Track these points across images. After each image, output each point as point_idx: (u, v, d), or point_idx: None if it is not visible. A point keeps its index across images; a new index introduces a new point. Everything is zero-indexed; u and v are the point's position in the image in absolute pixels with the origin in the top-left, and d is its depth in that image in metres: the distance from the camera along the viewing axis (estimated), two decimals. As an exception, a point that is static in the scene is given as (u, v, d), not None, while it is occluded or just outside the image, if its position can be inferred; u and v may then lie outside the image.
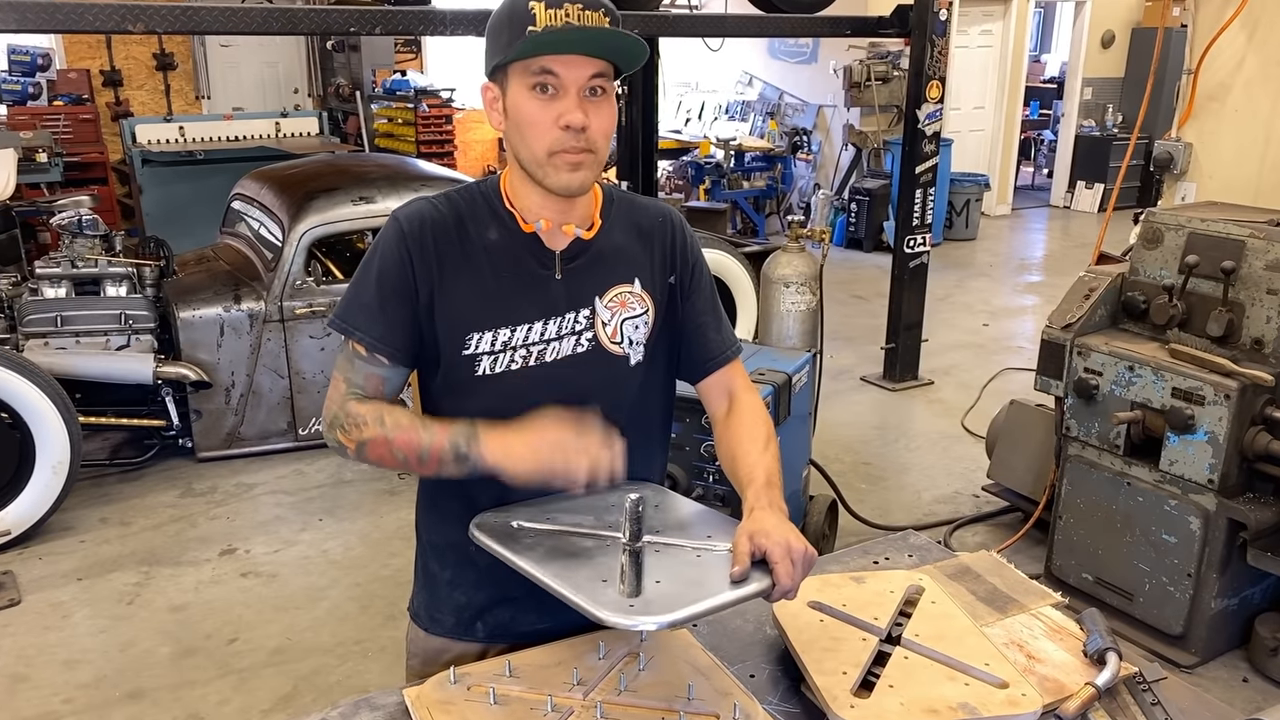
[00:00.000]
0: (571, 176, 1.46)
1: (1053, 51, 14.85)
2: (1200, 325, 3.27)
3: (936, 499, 4.61)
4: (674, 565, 1.40)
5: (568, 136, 1.43)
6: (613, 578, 1.35)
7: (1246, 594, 3.35)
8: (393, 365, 1.52)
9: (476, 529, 1.48)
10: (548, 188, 1.48)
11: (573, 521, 1.49)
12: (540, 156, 1.46)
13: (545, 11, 1.39)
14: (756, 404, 1.67)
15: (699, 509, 1.59)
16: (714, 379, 1.69)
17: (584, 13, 1.40)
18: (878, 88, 9.28)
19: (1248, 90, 4.04)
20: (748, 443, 1.58)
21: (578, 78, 1.42)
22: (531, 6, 1.40)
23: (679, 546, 1.44)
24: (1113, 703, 1.50)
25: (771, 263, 5.01)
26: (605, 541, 1.44)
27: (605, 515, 1.49)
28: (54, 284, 4.65)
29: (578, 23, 1.40)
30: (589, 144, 1.44)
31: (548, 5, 1.39)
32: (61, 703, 3.18)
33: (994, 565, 1.87)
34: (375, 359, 1.51)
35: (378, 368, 1.51)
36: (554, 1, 1.39)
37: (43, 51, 8.83)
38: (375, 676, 3.29)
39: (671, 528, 1.49)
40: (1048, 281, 8.48)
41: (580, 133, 1.43)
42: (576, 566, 1.38)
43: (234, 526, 4.30)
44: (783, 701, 1.51)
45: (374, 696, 1.53)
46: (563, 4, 1.39)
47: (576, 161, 1.45)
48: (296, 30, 4.73)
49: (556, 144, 1.44)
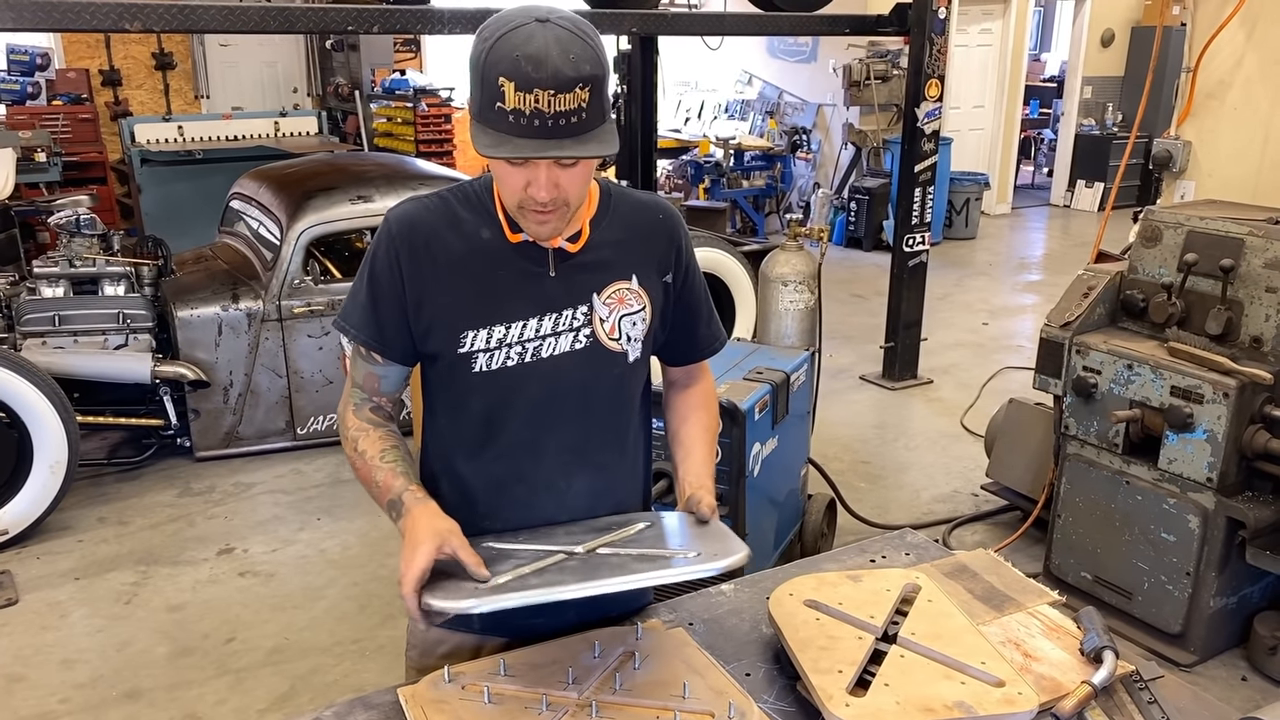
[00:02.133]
0: (540, 229, 1.47)
1: (1052, 50, 14.85)
2: (1199, 323, 3.26)
3: (935, 498, 4.60)
4: (582, 569, 1.43)
5: (535, 202, 1.42)
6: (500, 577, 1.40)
7: (1245, 592, 3.35)
8: (386, 363, 1.58)
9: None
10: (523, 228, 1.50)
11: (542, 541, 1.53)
12: (511, 206, 1.47)
13: (514, 94, 1.31)
14: (714, 389, 1.84)
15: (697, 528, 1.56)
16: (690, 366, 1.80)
17: (555, 98, 1.31)
18: (877, 86, 9.28)
19: (1246, 88, 4.03)
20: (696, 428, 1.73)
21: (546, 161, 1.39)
22: (501, 83, 1.31)
23: (623, 555, 1.46)
24: (1109, 701, 1.49)
25: (770, 261, 5.00)
26: (545, 555, 1.47)
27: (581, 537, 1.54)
28: (52, 283, 4.65)
29: (547, 110, 1.31)
30: (560, 203, 1.43)
31: (517, 87, 1.30)
32: (58, 702, 3.17)
33: (991, 564, 1.87)
34: (371, 357, 1.58)
35: (373, 366, 1.58)
36: (524, 85, 1.30)
37: (42, 51, 8.83)
38: (373, 676, 3.28)
39: (648, 542, 1.51)
40: (1047, 280, 8.47)
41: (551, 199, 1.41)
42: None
43: (232, 526, 4.30)
44: (778, 700, 1.51)
45: (369, 696, 1.53)
46: (532, 89, 1.30)
47: (544, 219, 1.45)
48: (294, 29, 4.72)
49: (525, 203, 1.43)
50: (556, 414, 1.57)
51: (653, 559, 1.44)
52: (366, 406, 1.61)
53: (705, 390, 1.81)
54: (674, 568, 1.41)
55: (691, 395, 1.79)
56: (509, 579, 1.39)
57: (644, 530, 1.55)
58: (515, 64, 1.31)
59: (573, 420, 1.58)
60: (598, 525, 1.58)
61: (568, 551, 1.48)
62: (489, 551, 1.49)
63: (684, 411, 1.77)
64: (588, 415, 1.60)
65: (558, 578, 1.39)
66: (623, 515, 1.64)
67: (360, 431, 1.58)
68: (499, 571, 1.41)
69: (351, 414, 1.61)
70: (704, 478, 1.63)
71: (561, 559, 1.46)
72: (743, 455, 3.20)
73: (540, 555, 1.47)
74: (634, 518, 1.61)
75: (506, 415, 1.56)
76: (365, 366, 1.59)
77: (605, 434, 1.63)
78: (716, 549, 1.44)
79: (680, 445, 1.72)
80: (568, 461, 1.60)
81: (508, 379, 1.54)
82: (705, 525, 1.55)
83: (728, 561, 1.40)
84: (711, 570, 1.40)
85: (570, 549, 1.48)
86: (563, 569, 1.43)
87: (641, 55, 6.53)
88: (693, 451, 1.69)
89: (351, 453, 1.58)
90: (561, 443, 1.59)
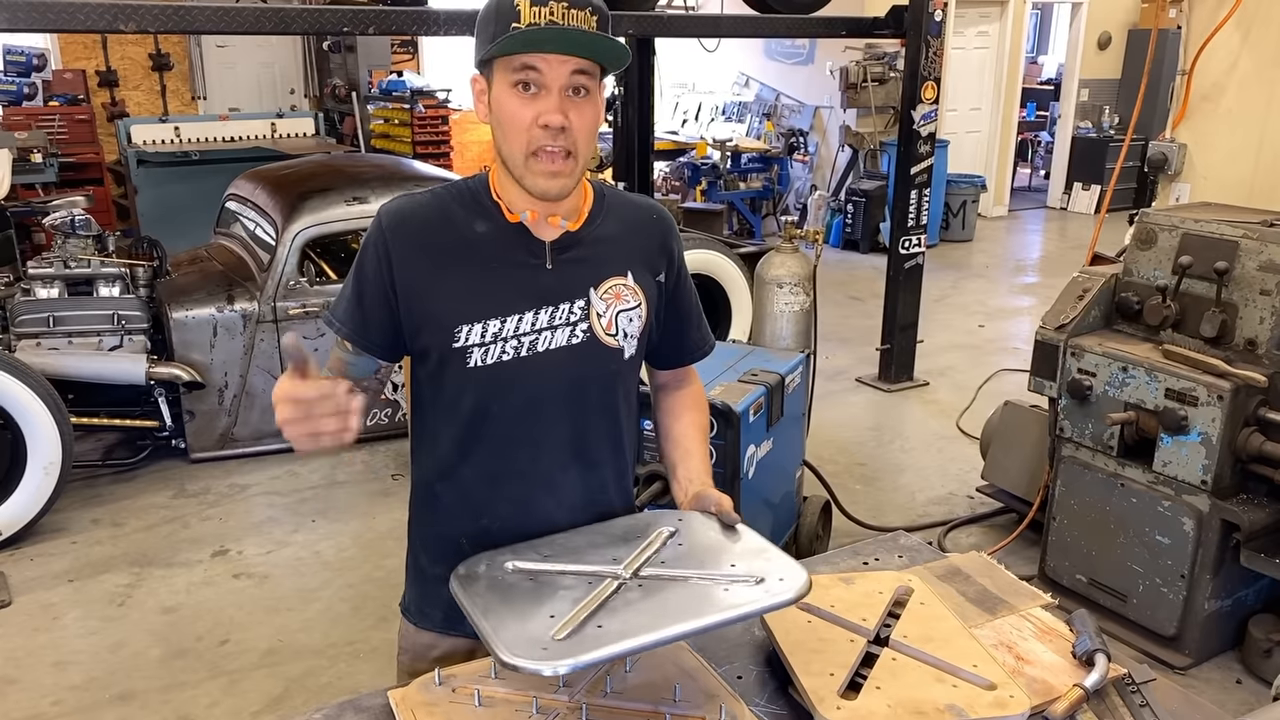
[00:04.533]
0: (550, 183, 1.46)
1: (1049, 53, 14.86)
2: (1194, 326, 3.26)
3: (931, 500, 4.60)
4: (647, 602, 1.34)
5: (546, 135, 1.43)
6: (561, 616, 1.31)
7: (1240, 595, 3.35)
8: (355, 352, 1.58)
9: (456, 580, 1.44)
10: (526, 189, 1.49)
11: (571, 559, 1.47)
12: (519, 157, 1.46)
13: (530, 8, 1.38)
14: (703, 393, 1.84)
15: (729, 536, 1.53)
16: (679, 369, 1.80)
17: (569, 11, 1.39)
18: (874, 89, 9.28)
19: (1241, 91, 4.04)
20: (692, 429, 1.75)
21: (559, 75, 1.42)
22: (516, 2, 1.39)
23: (678, 579, 1.40)
24: (1101, 704, 1.49)
25: (765, 264, 5.00)
26: (591, 579, 1.40)
27: (610, 551, 1.48)
28: (46, 284, 4.64)
29: (561, 21, 1.39)
30: (569, 144, 1.44)
31: (533, 2, 1.38)
32: (51, 704, 3.16)
33: (984, 566, 1.86)
34: (343, 345, 1.59)
35: (343, 352, 1.60)
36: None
37: (38, 52, 8.83)
38: (367, 678, 3.28)
39: (689, 558, 1.46)
40: (1044, 283, 8.47)
41: (560, 132, 1.42)
42: (527, 604, 1.35)
43: (226, 527, 4.29)
44: (770, 703, 1.50)
45: (359, 699, 1.52)
46: (548, 1, 1.38)
47: (555, 170, 1.45)
48: (290, 30, 4.73)
49: (535, 142, 1.44)
50: (552, 409, 1.57)
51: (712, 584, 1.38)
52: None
53: (696, 393, 1.82)
54: (748, 601, 1.33)
55: (684, 396, 1.80)
56: (579, 621, 1.29)
57: (672, 540, 1.50)
58: None
59: (568, 416, 1.58)
60: (618, 532, 1.54)
61: (614, 575, 1.40)
62: (525, 579, 1.42)
63: (677, 411, 1.77)
64: (583, 411, 1.59)
65: (633, 619, 1.29)
66: (635, 517, 1.61)
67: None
68: (561, 612, 1.31)
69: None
70: (705, 475, 1.64)
71: (615, 585, 1.38)
72: (737, 457, 3.20)
73: (587, 580, 1.40)
74: (649, 522, 1.57)
75: (502, 410, 1.56)
76: (337, 352, 1.60)
77: (600, 430, 1.62)
78: (774, 570, 1.39)
79: (677, 446, 1.72)
80: (564, 457, 1.59)
81: (504, 373, 1.53)
82: (732, 532, 1.52)
83: (798, 590, 1.34)
84: (787, 603, 1.33)
85: (612, 570, 1.41)
86: (629, 604, 1.34)
87: (638, 57, 6.52)
88: (692, 452, 1.70)
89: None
90: (558, 438, 1.58)
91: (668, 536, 1.52)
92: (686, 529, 1.54)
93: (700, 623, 1.29)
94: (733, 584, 1.38)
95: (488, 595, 1.38)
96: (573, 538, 1.54)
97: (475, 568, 1.47)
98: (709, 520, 1.56)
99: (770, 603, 1.34)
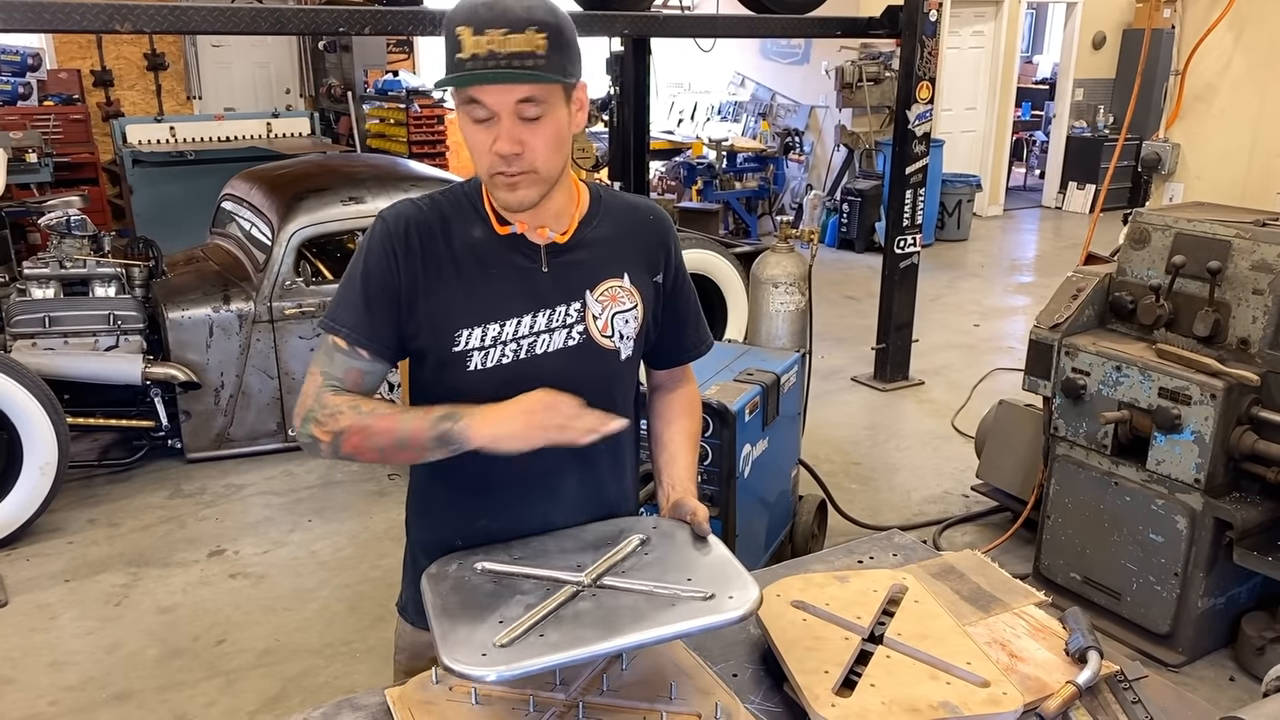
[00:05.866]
0: (510, 196, 1.47)
1: (1044, 52, 14.88)
2: (1187, 325, 3.28)
3: (926, 499, 4.61)
4: (594, 614, 1.38)
5: (502, 162, 1.43)
6: (510, 622, 1.35)
7: (1233, 593, 3.36)
8: (373, 359, 1.54)
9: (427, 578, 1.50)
10: (497, 203, 1.51)
11: (539, 563, 1.50)
12: (484, 176, 1.49)
13: (471, 38, 1.37)
14: (698, 394, 1.84)
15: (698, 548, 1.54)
16: (675, 369, 1.81)
17: (508, 37, 1.36)
18: (869, 88, 9.29)
19: (1234, 91, 4.05)
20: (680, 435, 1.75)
21: (506, 103, 1.41)
22: (458, 31, 1.38)
23: (635, 591, 1.43)
24: (1094, 701, 1.50)
25: (760, 263, 5.01)
26: (550, 585, 1.44)
27: (578, 557, 1.51)
28: (42, 284, 4.63)
29: (501, 49, 1.37)
30: (526, 166, 1.44)
31: (473, 31, 1.37)
32: (47, 704, 3.17)
33: (978, 564, 1.88)
34: (356, 352, 1.53)
35: (358, 361, 1.53)
36: (478, 27, 1.36)
37: (33, 51, 8.80)
38: (364, 678, 3.28)
39: (650, 568, 1.48)
40: (1039, 282, 8.49)
41: (516, 157, 1.43)
42: (482, 607, 1.40)
43: (223, 527, 4.29)
44: (765, 701, 1.51)
45: (357, 697, 1.53)
46: (485, 30, 1.36)
47: (514, 183, 1.46)
48: (286, 30, 4.73)
49: (493, 166, 1.45)
50: None
51: (665, 601, 1.40)
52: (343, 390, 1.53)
53: (690, 394, 1.82)
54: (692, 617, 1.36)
55: (676, 399, 1.80)
56: (525, 628, 1.34)
57: (640, 550, 1.53)
58: (472, 11, 1.38)
59: None
60: (590, 539, 1.57)
61: (574, 582, 1.44)
62: (488, 580, 1.47)
63: (669, 415, 1.78)
64: None
65: (576, 632, 1.34)
66: (612, 523, 1.63)
67: (353, 399, 1.49)
68: (510, 617, 1.36)
69: (330, 395, 1.51)
70: (688, 482, 1.65)
71: (571, 593, 1.42)
72: (733, 456, 3.21)
73: (545, 586, 1.44)
74: (624, 528, 1.59)
75: None
76: (349, 362, 1.52)
77: None
78: (728, 587, 1.41)
79: (664, 449, 1.74)
80: (562, 459, 1.59)
81: (503, 377, 1.53)
82: (703, 545, 1.53)
83: (745, 610, 1.36)
84: (729, 622, 1.36)
85: (575, 578, 1.45)
86: (578, 614, 1.38)
87: (634, 57, 6.53)
88: (677, 456, 1.71)
89: (350, 420, 1.46)
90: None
91: (637, 545, 1.54)
92: (658, 537, 1.57)
93: (636, 638, 1.34)
94: (682, 599, 1.40)
95: (450, 596, 1.44)
96: (547, 541, 1.58)
97: (447, 567, 1.51)
98: (683, 529, 1.58)
99: (710, 622, 1.36)
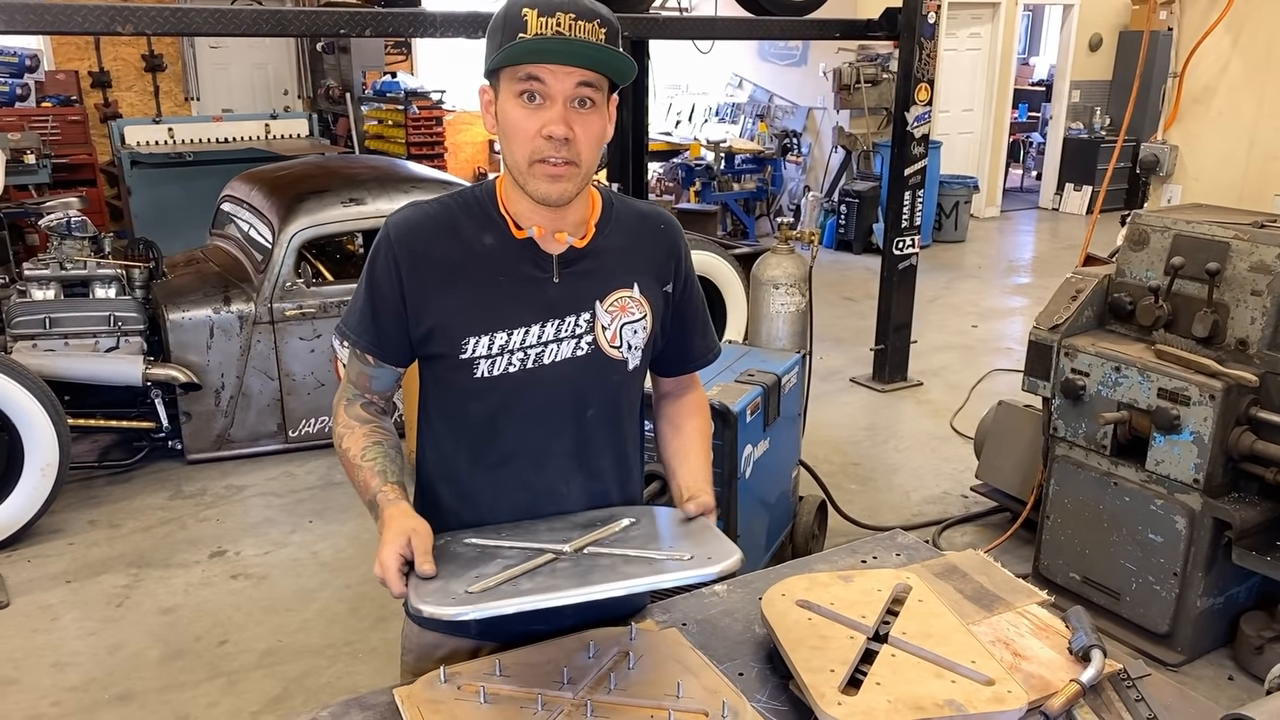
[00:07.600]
0: (550, 187, 1.46)
1: (1041, 54, 14.92)
2: (1186, 326, 3.30)
3: (925, 499, 4.63)
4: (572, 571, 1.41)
5: (549, 146, 1.43)
6: (486, 578, 1.38)
7: (1232, 593, 3.38)
8: (378, 365, 1.60)
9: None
10: (528, 194, 1.49)
11: (527, 539, 1.52)
12: (522, 164, 1.46)
13: (537, 19, 1.39)
14: (705, 399, 1.84)
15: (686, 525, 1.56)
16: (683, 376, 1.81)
17: (576, 23, 1.39)
18: (867, 90, 9.31)
19: (1232, 93, 4.07)
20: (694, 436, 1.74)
21: (564, 87, 1.42)
22: (524, 12, 1.39)
23: (614, 555, 1.45)
24: (1097, 699, 1.51)
25: (760, 264, 5.02)
26: (533, 554, 1.46)
27: (566, 534, 1.53)
28: (42, 286, 4.64)
29: (568, 33, 1.39)
30: (572, 155, 1.44)
31: (540, 13, 1.38)
32: (50, 705, 3.17)
33: (981, 564, 1.89)
34: (364, 359, 1.61)
35: (365, 366, 1.62)
36: (547, 9, 1.38)
37: (31, 53, 8.80)
38: (365, 678, 3.29)
39: (636, 540, 1.50)
40: (1036, 283, 8.51)
41: (564, 143, 1.43)
42: (460, 567, 1.43)
43: (224, 529, 4.29)
44: (771, 699, 1.52)
45: (365, 696, 1.54)
46: (555, 12, 1.39)
47: (557, 174, 1.45)
48: (285, 32, 4.73)
49: (538, 152, 1.44)
50: (557, 420, 1.58)
51: (644, 561, 1.43)
52: (358, 403, 1.64)
53: (698, 399, 1.82)
54: (668, 572, 1.39)
55: (685, 403, 1.80)
56: (499, 582, 1.37)
57: (630, 527, 1.55)
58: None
59: (572, 427, 1.59)
60: (581, 521, 1.57)
61: (556, 551, 1.46)
62: (472, 549, 1.49)
63: (678, 419, 1.77)
64: (587, 422, 1.60)
65: (550, 581, 1.37)
66: (606, 510, 1.63)
67: (347, 429, 1.61)
68: (487, 574, 1.39)
69: (343, 410, 1.64)
70: (701, 481, 1.64)
71: (551, 559, 1.44)
72: (734, 457, 3.22)
73: (528, 554, 1.46)
74: (618, 513, 1.60)
75: (507, 421, 1.57)
76: (359, 366, 1.62)
77: (604, 441, 1.63)
78: (709, 552, 1.43)
79: (675, 451, 1.72)
80: (567, 468, 1.60)
81: (509, 385, 1.54)
82: (692, 523, 1.54)
83: (721, 566, 1.38)
84: (706, 576, 1.38)
85: (558, 548, 1.47)
86: (554, 571, 1.41)
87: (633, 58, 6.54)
88: (689, 456, 1.70)
89: (339, 448, 1.62)
90: (562, 449, 1.59)
91: (628, 524, 1.56)
92: (647, 518, 1.59)
93: (608, 586, 1.35)
94: (660, 560, 1.42)
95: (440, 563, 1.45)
96: (538, 524, 1.58)
97: (436, 542, 1.52)
98: (676, 514, 1.59)
99: (686, 576, 1.38)
